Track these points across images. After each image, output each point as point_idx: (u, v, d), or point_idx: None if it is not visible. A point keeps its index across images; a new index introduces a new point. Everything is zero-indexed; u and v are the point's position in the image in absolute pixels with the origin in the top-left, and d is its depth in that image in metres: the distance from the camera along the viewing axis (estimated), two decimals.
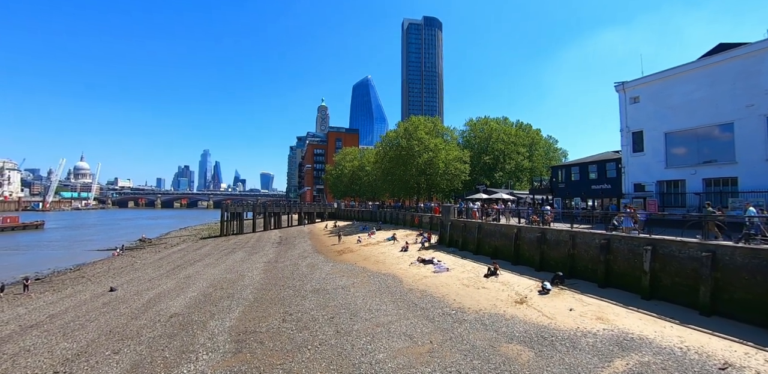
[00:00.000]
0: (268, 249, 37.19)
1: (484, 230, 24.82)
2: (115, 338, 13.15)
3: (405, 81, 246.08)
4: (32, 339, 13.88)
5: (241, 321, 14.07)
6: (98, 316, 16.27)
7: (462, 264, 21.73)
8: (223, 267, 27.58)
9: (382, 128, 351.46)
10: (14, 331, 15.12)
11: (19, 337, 14.23)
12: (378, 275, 20.72)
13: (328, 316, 13.97)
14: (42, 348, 12.73)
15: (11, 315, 18.05)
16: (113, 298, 19.73)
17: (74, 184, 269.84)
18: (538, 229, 20.04)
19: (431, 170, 45.74)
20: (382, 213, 54.12)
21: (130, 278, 26.38)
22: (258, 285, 20.49)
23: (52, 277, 29.81)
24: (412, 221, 43.05)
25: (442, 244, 28.94)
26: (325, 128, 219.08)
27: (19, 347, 13.08)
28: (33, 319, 16.82)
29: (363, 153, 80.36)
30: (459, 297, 15.56)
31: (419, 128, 47.20)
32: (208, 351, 11.43)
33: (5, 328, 15.67)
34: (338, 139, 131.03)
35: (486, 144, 52.91)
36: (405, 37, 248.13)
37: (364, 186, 73.67)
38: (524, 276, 17.96)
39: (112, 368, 10.73)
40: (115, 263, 35.84)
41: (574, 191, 30.11)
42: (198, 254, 37.89)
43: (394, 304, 15.01)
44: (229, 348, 11.64)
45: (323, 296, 17.02)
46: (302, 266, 25.78)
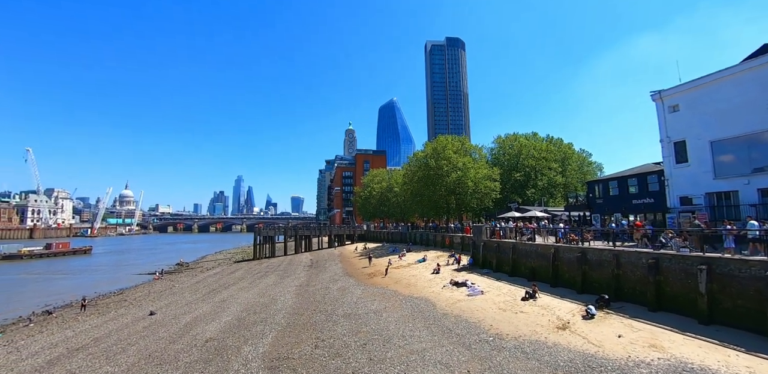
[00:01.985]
0: (299, 273, 37.39)
1: (519, 250, 23.92)
2: (154, 362, 13.38)
3: (430, 101, 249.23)
4: (78, 361, 14.36)
5: (274, 347, 13.99)
6: (138, 340, 16.70)
7: (497, 287, 20.88)
8: (256, 291, 27.87)
9: (408, 149, 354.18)
10: (62, 354, 15.74)
11: (66, 360, 14.78)
12: (410, 299, 20.22)
13: (361, 342, 13.65)
14: (87, 371, 13.12)
15: (60, 337, 18.88)
16: (153, 322, 20.27)
17: (119, 211, 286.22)
18: (577, 248, 19.08)
19: (461, 189, 45.15)
20: (411, 234, 53.53)
21: (168, 301, 27.12)
22: (290, 309, 20.47)
23: (98, 300, 31.15)
24: (442, 242, 42.22)
25: (475, 265, 28.06)
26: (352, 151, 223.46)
27: (66, 370, 13.55)
28: (79, 342, 17.49)
29: (391, 174, 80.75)
30: (496, 322, 14.85)
31: (447, 147, 47.10)
32: None
33: (54, 350, 16.36)
34: (366, 161, 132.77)
35: (516, 161, 51.90)
36: (428, 59, 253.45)
37: (393, 207, 73.51)
38: (565, 299, 16.97)
39: None
40: (155, 286, 37.10)
41: (614, 206, 28.65)
42: (232, 277, 38.61)
43: (428, 330, 14.50)
44: None
45: (355, 321, 16.73)
46: (333, 289, 25.63)
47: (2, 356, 16.42)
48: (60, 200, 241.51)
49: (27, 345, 17.97)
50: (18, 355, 16.25)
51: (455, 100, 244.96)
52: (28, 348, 17.30)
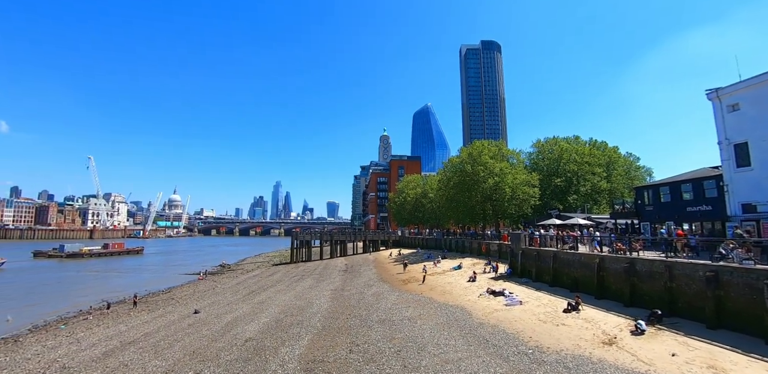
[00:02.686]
0: (334, 277, 37.88)
1: (561, 259, 22.90)
2: (197, 359, 14.00)
3: (465, 106, 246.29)
4: (129, 355, 15.32)
5: (309, 350, 14.22)
6: (184, 337, 17.57)
7: (537, 297, 20.07)
8: (292, 294, 28.53)
9: (443, 154, 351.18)
10: (116, 346, 16.86)
11: (120, 352, 15.81)
12: (445, 307, 19.88)
13: (395, 349, 13.56)
14: (137, 364, 13.96)
15: (114, 331, 20.25)
16: (197, 320, 21.26)
17: (168, 214, 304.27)
18: (625, 258, 17.97)
19: (497, 195, 44.05)
20: (446, 241, 52.77)
21: (211, 301, 28.37)
22: (325, 312, 20.76)
23: (148, 298, 33.16)
24: (478, 249, 41.26)
25: (513, 274, 27.16)
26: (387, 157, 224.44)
27: (119, 361, 14.49)
28: (131, 336, 18.66)
29: (425, 180, 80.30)
30: (535, 334, 14.25)
31: (483, 153, 46.22)
32: None
33: (109, 343, 17.56)
34: (400, 167, 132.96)
35: (556, 166, 49.86)
36: (463, 63, 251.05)
37: (428, 213, 72.90)
38: (611, 313, 15.99)
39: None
40: (200, 286, 38.96)
41: (665, 214, 26.76)
42: (270, 280, 39.78)
43: (464, 339, 14.17)
44: None
45: (389, 327, 16.67)
46: (368, 295, 25.72)
47: (65, 346, 17.84)
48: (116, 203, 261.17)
49: (86, 337, 19.42)
50: (78, 346, 17.59)
51: (491, 104, 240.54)
52: (87, 340, 18.69)
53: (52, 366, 14.79)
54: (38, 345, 18.61)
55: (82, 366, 14.39)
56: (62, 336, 20.33)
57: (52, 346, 18.15)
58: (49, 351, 17.16)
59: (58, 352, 16.82)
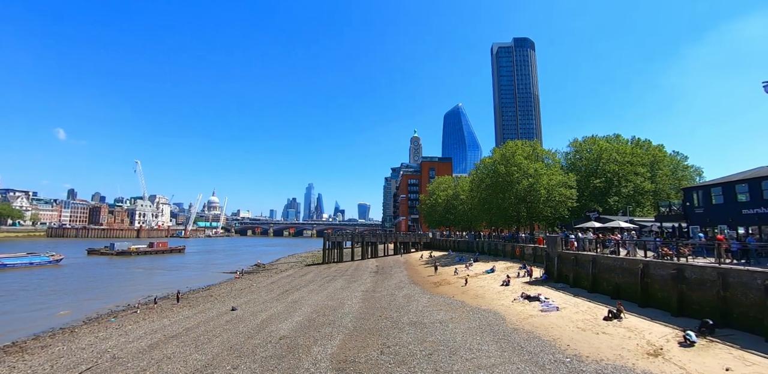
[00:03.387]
0: (365, 278, 38.12)
1: (601, 264, 21.85)
2: (234, 354, 14.52)
3: (498, 106, 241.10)
4: (172, 348, 16.13)
5: (341, 349, 14.38)
6: (222, 332, 18.29)
7: (575, 303, 19.25)
8: (324, 294, 28.98)
9: (475, 155, 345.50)
10: (160, 340, 17.82)
11: (163, 345, 16.70)
12: (478, 311, 19.50)
13: (426, 352, 13.45)
14: (179, 357, 14.67)
15: (159, 325, 21.41)
16: (234, 317, 22.07)
17: (207, 215, 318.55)
18: (672, 264, 16.89)
19: (532, 197, 42.72)
20: (479, 243, 51.79)
21: (247, 299, 29.35)
22: (357, 313, 20.93)
23: (189, 294, 34.78)
24: (512, 252, 40.18)
25: (549, 279, 26.21)
26: (418, 159, 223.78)
27: (163, 354, 15.29)
28: (174, 330, 19.65)
29: (457, 182, 79.28)
30: (573, 342, 13.67)
31: (517, 153, 45.05)
32: None
33: (154, 336, 18.59)
34: (431, 168, 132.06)
35: (595, 166, 47.63)
36: (495, 62, 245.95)
37: (459, 215, 71.85)
38: (656, 322, 15.07)
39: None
40: (236, 285, 40.43)
41: (718, 217, 24.89)
42: (303, 280, 40.62)
43: (497, 345, 13.82)
44: None
45: (421, 330, 16.55)
46: (399, 297, 25.68)
47: (115, 338, 19.07)
48: (161, 205, 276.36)
49: (133, 330, 20.65)
50: (126, 338, 18.74)
51: (525, 103, 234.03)
52: (134, 333, 19.88)
53: (103, 355, 15.84)
54: (91, 336, 19.99)
55: (130, 356, 15.32)
56: (112, 329, 21.74)
57: (104, 337, 19.45)
58: (101, 342, 18.40)
59: (108, 343, 18.00)
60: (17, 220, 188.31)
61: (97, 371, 13.84)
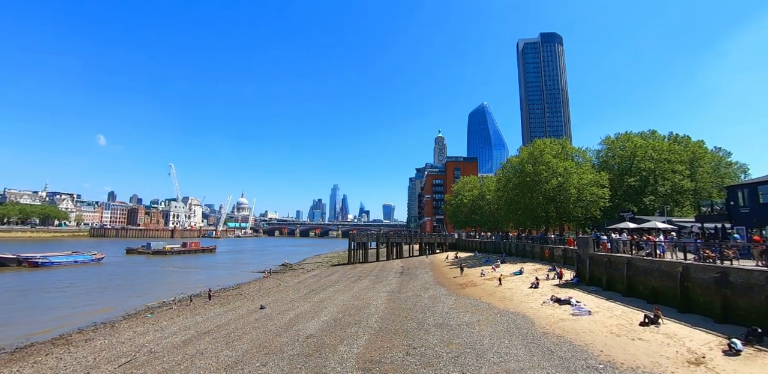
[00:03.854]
0: (390, 279, 38.13)
1: (636, 266, 20.89)
2: (263, 351, 14.86)
3: (524, 103, 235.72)
4: (204, 344, 16.69)
5: (367, 349, 14.43)
6: (251, 330, 18.76)
7: (608, 308, 18.50)
8: (350, 294, 29.20)
9: (501, 155, 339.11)
10: (193, 336, 18.48)
11: (196, 341, 17.30)
12: (506, 314, 19.09)
13: (453, 354, 13.28)
14: (211, 353, 15.16)
15: (192, 322, 22.21)
16: (263, 315, 22.60)
17: (236, 216, 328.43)
18: (715, 268, 15.92)
19: (562, 196, 41.45)
20: (506, 244, 50.74)
21: (275, 298, 29.99)
22: (382, 314, 20.95)
23: (220, 293, 35.91)
24: (541, 253, 39.11)
25: (580, 282, 25.32)
26: (442, 159, 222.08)
27: (196, 349, 15.84)
28: (206, 327, 20.34)
29: (483, 181, 78.05)
30: (607, 347, 13.12)
31: (545, 151, 43.84)
32: None
33: (188, 332, 19.30)
34: (456, 168, 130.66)
35: (629, 164, 45.53)
36: (521, 58, 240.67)
37: (485, 216, 70.70)
38: (698, 329, 14.24)
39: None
40: (265, 284, 41.41)
41: (766, 216, 23.29)
42: (329, 280, 41.10)
43: (526, 348, 13.47)
44: None
45: (447, 331, 16.37)
46: (424, 298, 25.53)
47: (151, 333, 19.94)
48: (193, 206, 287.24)
49: (168, 326, 21.52)
50: (162, 334, 19.56)
51: (553, 100, 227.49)
52: (169, 328, 20.72)
53: (141, 349, 16.60)
54: (130, 331, 21.00)
55: (166, 351, 15.97)
56: (149, 324, 22.74)
57: (141, 332, 20.38)
58: (139, 337, 19.29)
59: (146, 338, 18.84)
60: (63, 221, 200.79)
61: (135, 364, 14.51)
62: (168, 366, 13.82)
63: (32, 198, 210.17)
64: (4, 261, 54.32)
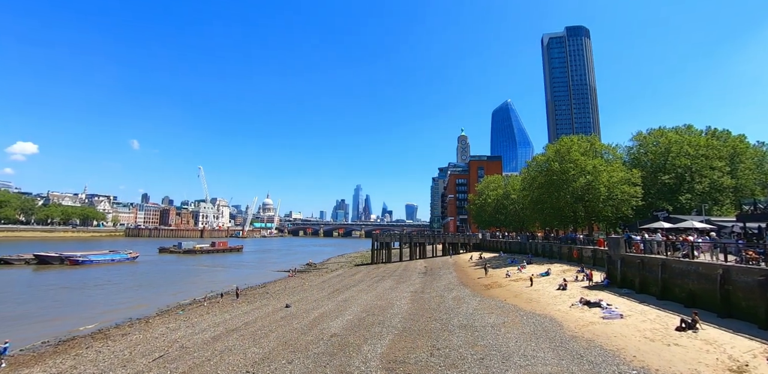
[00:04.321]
0: (414, 279, 38.00)
1: (672, 268, 19.94)
2: (289, 349, 15.13)
3: (550, 100, 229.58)
4: (233, 340, 17.16)
5: (391, 349, 14.43)
6: (277, 328, 19.14)
7: (641, 311, 17.74)
8: (373, 294, 29.30)
9: (526, 153, 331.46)
10: (222, 332, 19.04)
11: (225, 338, 17.81)
12: (532, 316, 18.64)
13: (478, 356, 13.09)
14: (239, 349, 15.57)
15: (221, 319, 22.90)
16: (288, 314, 23.01)
17: (262, 216, 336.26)
18: (760, 270, 14.98)
19: (591, 195, 40.09)
20: (532, 245, 49.59)
21: (300, 297, 30.48)
22: (405, 314, 20.91)
23: (247, 291, 36.86)
24: (569, 254, 37.97)
25: (611, 284, 24.42)
26: (466, 158, 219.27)
27: (225, 346, 16.31)
28: (234, 324, 20.91)
29: (507, 180, 76.62)
30: (640, 353, 12.58)
31: (572, 149, 42.52)
32: None
33: (217, 329, 19.91)
34: (480, 167, 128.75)
35: (663, 160, 43.41)
36: (546, 53, 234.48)
37: (510, 215, 69.38)
38: (740, 335, 13.44)
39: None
40: (290, 283, 42.18)
41: None
42: (353, 279, 41.39)
43: (554, 352, 13.10)
44: None
45: (471, 333, 16.16)
46: (448, 298, 25.30)
47: (183, 329, 20.69)
48: (221, 207, 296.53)
49: (199, 323, 22.28)
50: (193, 330, 20.25)
51: (580, 96, 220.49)
52: (200, 325, 21.43)
53: (173, 345, 17.24)
54: (163, 327, 21.87)
55: (196, 347, 16.53)
56: (180, 321, 23.62)
57: (173, 328, 21.18)
58: (171, 332, 20.06)
59: (177, 334, 19.57)
60: (101, 221, 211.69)
61: (168, 359, 15.08)
62: (198, 362, 14.28)
63: (73, 200, 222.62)
64: (49, 259, 57.78)
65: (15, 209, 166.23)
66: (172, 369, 13.67)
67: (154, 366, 14.25)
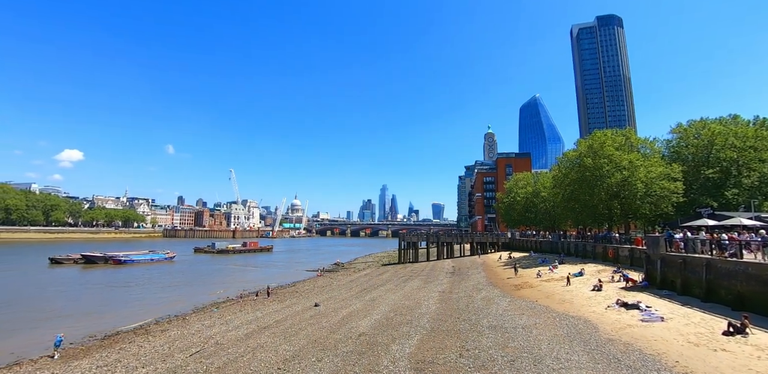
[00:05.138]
0: (442, 279, 37.69)
1: (718, 269, 18.75)
2: (318, 347, 15.36)
3: (581, 93, 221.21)
4: (264, 338, 17.61)
5: (419, 349, 14.36)
6: (306, 326, 19.48)
7: (684, 314, 16.79)
8: (401, 294, 29.28)
9: (557, 149, 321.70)
10: (254, 330, 19.58)
11: (257, 335, 18.31)
12: (565, 318, 18.04)
13: (508, 358, 12.80)
14: (270, 346, 15.96)
15: (253, 316, 23.56)
16: (317, 312, 23.38)
17: (291, 217, 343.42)
18: None
19: (627, 192, 38.31)
20: (564, 244, 48.04)
21: (328, 296, 30.90)
22: (434, 314, 20.76)
23: (277, 290, 37.74)
24: (604, 254, 36.53)
25: (650, 285, 23.26)
26: (493, 155, 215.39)
27: (257, 343, 16.77)
28: (266, 322, 21.46)
29: (537, 178, 74.53)
30: (683, 358, 11.89)
31: (606, 143, 40.76)
32: None
33: (249, 326, 20.50)
34: (508, 165, 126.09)
35: (706, 154, 40.72)
36: (576, 45, 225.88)
37: (541, 214, 67.42)
38: None
39: (316, 373, 12.48)
40: (318, 282, 42.85)
41: None
42: (380, 279, 41.53)
43: (589, 355, 12.61)
44: None
45: (501, 334, 15.83)
46: (477, 299, 24.91)
47: (217, 326, 21.44)
48: (251, 208, 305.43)
49: (232, 320, 23.02)
50: (227, 327, 20.95)
51: (613, 88, 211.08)
52: (233, 322, 22.14)
53: (209, 341, 17.90)
54: (199, 324, 22.75)
55: (230, 343, 17.09)
56: (215, 318, 24.48)
57: (209, 325, 21.99)
58: (207, 329, 20.83)
59: (213, 330, 20.30)
60: (141, 223, 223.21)
61: (204, 354, 15.67)
62: (232, 358, 14.76)
63: (115, 203, 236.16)
64: (95, 259, 61.55)
65: (64, 213, 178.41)
66: (208, 364, 14.19)
67: (191, 361, 14.84)
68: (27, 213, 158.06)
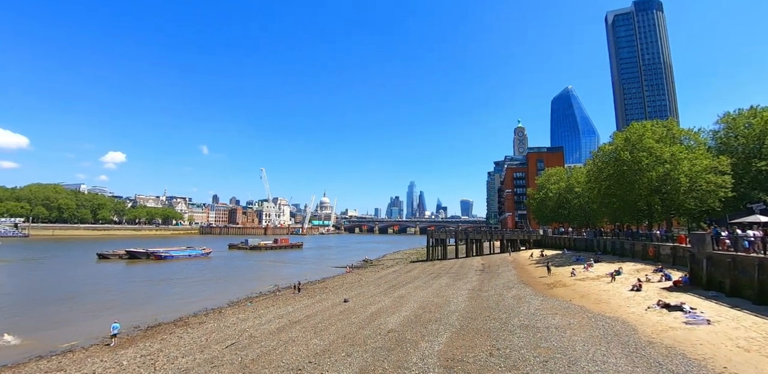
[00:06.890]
0: (471, 276, 37.20)
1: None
2: (348, 342, 15.56)
3: (617, 83, 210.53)
4: (295, 332, 18.05)
5: (448, 347, 14.25)
6: (336, 322, 19.78)
7: (733, 317, 15.71)
8: (430, 291, 29.14)
9: (591, 142, 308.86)
10: (285, 324, 20.10)
11: (288, 329, 18.79)
12: (601, 318, 17.34)
13: (541, 359, 12.46)
14: (301, 340, 16.33)
15: (284, 311, 24.20)
16: (346, 308, 23.69)
17: (320, 214, 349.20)
18: None
19: (669, 186, 36.19)
20: (599, 242, 46.16)
21: (357, 292, 31.23)
22: (463, 312, 20.53)
23: (307, 286, 38.56)
24: (643, 252, 34.74)
25: (695, 285, 21.93)
26: (523, 150, 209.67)
27: (288, 337, 17.21)
28: (296, 317, 21.98)
29: (570, 173, 71.87)
30: (732, 364, 11.13)
31: (645, 136, 38.59)
32: (421, 372, 11.99)
33: (281, 321, 21.06)
34: (539, 160, 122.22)
35: (758, 145, 37.65)
36: (612, 32, 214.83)
37: (574, 210, 65.03)
38: None
39: (346, 368, 12.63)
40: (347, 279, 43.39)
41: None
42: (408, 276, 41.52)
43: (627, 358, 12.06)
44: (439, 372, 11.87)
45: (533, 334, 15.43)
46: (507, 297, 24.41)
47: (251, 320, 22.19)
48: (282, 206, 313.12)
49: (264, 314, 23.74)
50: (259, 321, 21.63)
51: (653, 76, 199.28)
52: (265, 316, 22.83)
53: (243, 334, 18.56)
54: (234, 317, 23.62)
55: (263, 336, 17.65)
56: (249, 312, 25.35)
57: (243, 319, 22.80)
58: (241, 322, 21.60)
59: (246, 324, 21.02)
60: (179, 221, 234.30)
61: (239, 346, 16.27)
62: (265, 350, 15.22)
63: (155, 202, 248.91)
64: (138, 255, 65.27)
65: (110, 211, 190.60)
66: (242, 355, 14.72)
67: (227, 353, 15.44)
68: (77, 212, 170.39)
